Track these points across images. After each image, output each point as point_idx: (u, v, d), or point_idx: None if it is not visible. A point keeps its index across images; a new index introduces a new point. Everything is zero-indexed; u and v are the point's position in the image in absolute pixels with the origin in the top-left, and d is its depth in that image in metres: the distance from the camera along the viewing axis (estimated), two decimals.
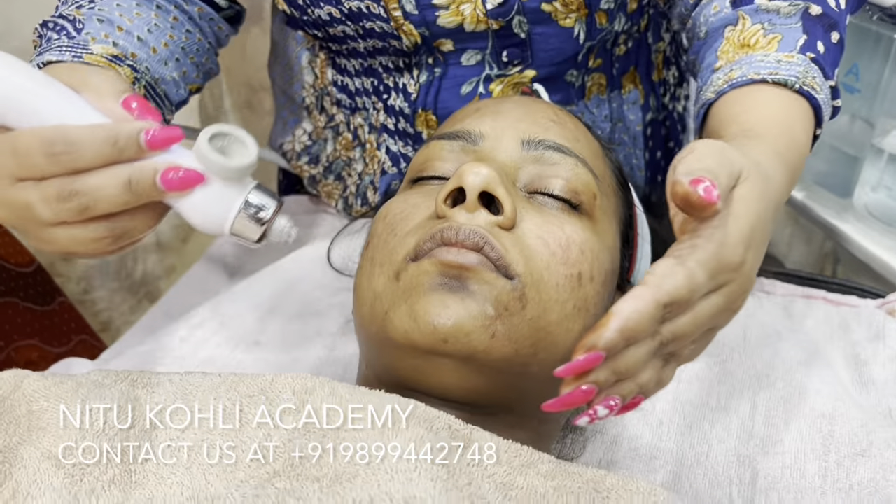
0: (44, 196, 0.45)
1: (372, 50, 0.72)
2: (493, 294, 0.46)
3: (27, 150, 0.44)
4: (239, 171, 0.47)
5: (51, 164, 0.44)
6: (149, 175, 0.46)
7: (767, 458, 0.56)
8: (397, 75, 0.74)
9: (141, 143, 0.45)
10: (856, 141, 0.85)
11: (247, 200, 0.48)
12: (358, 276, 0.53)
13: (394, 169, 0.80)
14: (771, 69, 0.54)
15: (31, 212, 0.46)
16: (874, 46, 0.79)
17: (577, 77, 0.74)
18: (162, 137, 0.46)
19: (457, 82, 0.72)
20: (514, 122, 0.55)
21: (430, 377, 0.47)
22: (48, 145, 0.44)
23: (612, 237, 0.55)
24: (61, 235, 0.47)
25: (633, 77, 0.79)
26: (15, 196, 0.46)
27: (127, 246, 0.50)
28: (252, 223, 0.48)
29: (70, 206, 0.45)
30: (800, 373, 0.62)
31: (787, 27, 0.56)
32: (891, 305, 0.71)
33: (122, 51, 0.59)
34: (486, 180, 0.48)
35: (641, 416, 0.60)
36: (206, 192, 0.47)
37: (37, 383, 0.47)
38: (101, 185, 0.45)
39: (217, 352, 0.70)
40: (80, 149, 0.44)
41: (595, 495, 0.42)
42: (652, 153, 0.85)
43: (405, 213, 0.52)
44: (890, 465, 0.54)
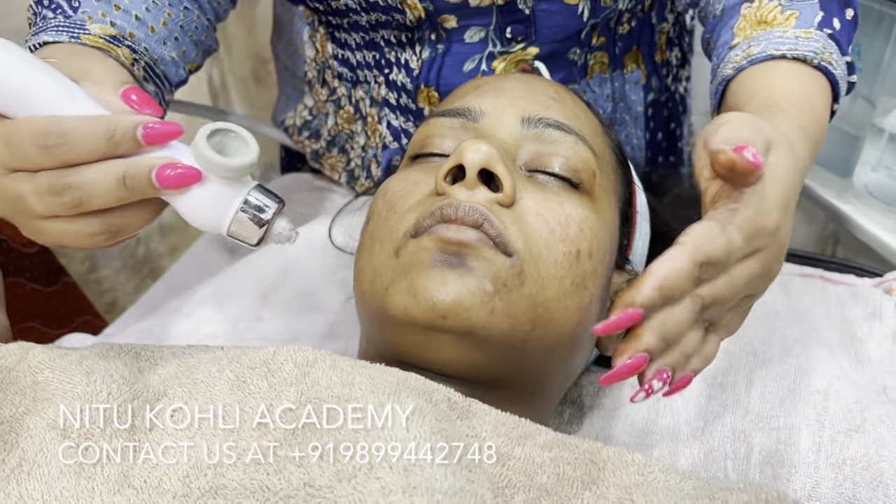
0: (36, 189, 0.44)
1: (374, 23, 0.72)
2: (492, 270, 0.47)
3: (20, 140, 0.43)
4: (238, 171, 0.45)
5: (44, 156, 0.43)
6: (144, 171, 0.44)
7: (762, 433, 0.57)
8: (399, 50, 0.74)
9: (138, 138, 0.44)
10: (856, 120, 0.85)
11: (246, 201, 0.46)
12: (358, 253, 0.53)
13: (395, 144, 0.80)
14: (790, 45, 0.53)
15: (23, 204, 0.44)
16: (876, 26, 0.79)
17: (580, 55, 0.74)
18: (160, 133, 0.44)
19: (459, 59, 0.72)
20: (515, 99, 0.55)
21: (430, 352, 0.48)
22: (42, 136, 0.42)
23: (612, 215, 0.55)
24: (53, 228, 0.45)
25: (635, 57, 0.79)
26: (7, 187, 0.44)
27: (122, 241, 0.48)
28: (251, 225, 0.46)
29: (62, 200, 0.43)
30: (796, 350, 0.63)
31: (804, 4, 0.56)
32: (888, 284, 0.72)
33: (119, 31, 0.57)
34: (486, 158, 0.48)
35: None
36: (203, 190, 0.45)
37: (42, 355, 0.47)
38: (94, 180, 0.43)
39: (219, 328, 0.70)
40: (75, 141, 0.43)
41: (591, 466, 0.43)
42: (653, 134, 0.85)
43: (405, 191, 0.52)
44: (883, 440, 0.55)
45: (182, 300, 0.75)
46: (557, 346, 0.50)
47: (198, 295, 0.75)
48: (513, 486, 0.42)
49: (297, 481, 0.40)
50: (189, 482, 0.42)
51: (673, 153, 0.90)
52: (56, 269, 0.99)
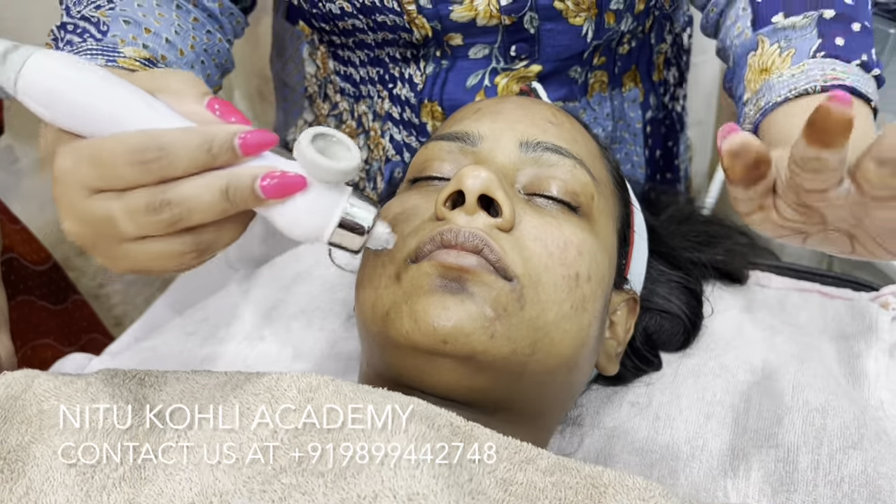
0: (129, 208, 0.40)
1: (381, 42, 0.73)
2: (492, 295, 0.47)
3: (112, 159, 0.40)
4: (344, 175, 0.43)
5: (141, 173, 0.40)
6: (247, 182, 0.41)
7: (761, 451, 0.57)
8: (404, 66, 0.75)
9: (235, 148, 0.41)
10: None
11: (347, 208, 0.44)
12: (359, 276, 0.54)
13: (397, 157, 0.81)
14: (788, 87, 0.54)
15: (111, 226, 0.41)
16: None
17: (581, 73, 0.75)
18: (256, 141, 0.42)
19: (463, 74, 0.73)
20: (513, 123, 0.56)
21: (431, 377, 0.48)
22: (138, 153, 0.39)
23: (610, 237, 0.56)
24: (140, 251, 0.42)
25: (633, 76, 0.80)
26: (94, 209, 0.41)
27: (206, 260, 0.45)
28: (351, 231, 0.44)
29: (161, 217, 0.40)
30: (793, 366, 0.63)
31: (801, 39, 0.57)
32: (884, 298, 0.72)
33: (152, 53, 0.57)
34: (486, 184, 0.49)
35: (638, 410, 0.61)
36: (304, 198, 0.43)
37: (47, 383, 0.48)
38: (196, 195, 0.41)
39: (221, 347, 0.71)
40: (174, 155, 0.40)
41: (593, 490, 0.44)
42: (651, 151, 0.86)
43: (405, 215, 0.53)
44: (881, 457, 0.55)
45: (185, 318, 0.75)
46: (558, 368, 0.50)
47: (200, 313, 0.75)
48: None
49: None
50: None
51: (670, 170, 0.90)
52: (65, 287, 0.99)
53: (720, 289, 0.72)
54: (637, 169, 0.85)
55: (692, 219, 0.75)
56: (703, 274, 0.70)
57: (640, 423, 0.60)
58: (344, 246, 0.45)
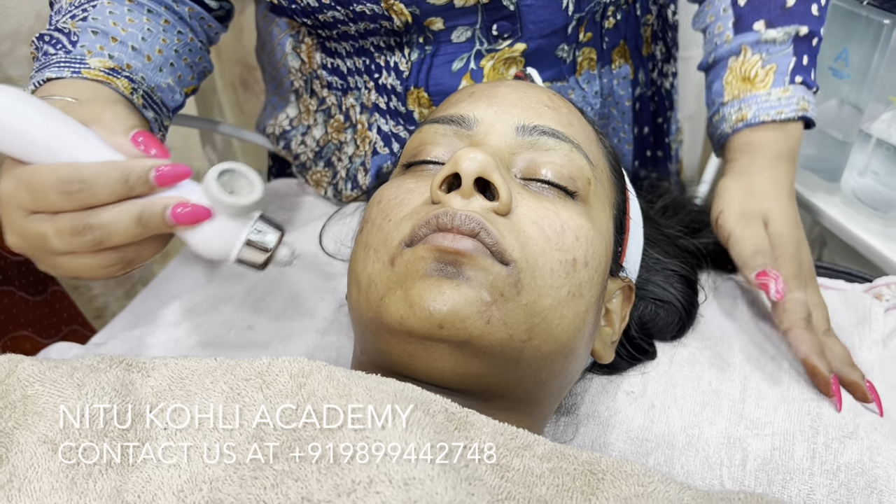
0: (57, 229, 0.47)
1: (363, 31, 0.72)
2: (489, 280, 0.46)
3: (42, 186, 0.46)
4: (246, 209, 0.49)
5: (65, 201, 0.46)
6: (158, 211, 0.47)
7: (757, 439, 0.57)
8: (388, 54, 0.74)
9: (150, 181, 0.47)
10: (844, 126, 0.86)
11: (251, 233, 0.50)
12: (352, 261, 0.53)
13: (385, 150, 0.80)
14: (776, 109, 0.68)
15: (44, 242, 0.47)
16: (864, 31, 0.79)
17: (568, 52, 0.74)
18: (171, 174, 0.48)
19: (448, 59, 0.72)
20: (509, 107, 0.55)
21: (426, 363, 0.47)
22: (63, 184, 0.45)
23: (606, 223, 0.55)
24: (72, 263, 0.49)
25: (623, 51, 0.79)
26: (29, 227, 0.47)
27: (133, 269, 0.52)
28: (256, 253, 0.50)
29: (84, 239, 0.47)
30: (790, 356, 0.63)
31: (781, 55, 0.69)
32: (877, 290, 0.72)
33: (117, 62, 0.60)
34: (482, 166, 0.48)
35: (633, 399, 0.61)
36: (212, 225, 0.49)
37: (31, 368, 0.47)
38: (113, 221, 0.47)
39: (209, 336, 0.69)
40: (94, 187, 0.46)
41: (591, 477, 0.43)
42: (640, 128, 0.86)
43: (400, 198, 0.52)
44: (876, 446, 0.55)
45: (172, 308, 0.74)
46: (554, 354, 0.49)
47: (187, 303, 0.74)
48: (512, 499, 0.41)
49: (294, 495, 0.40)
50: (184, 497, 0.41)
51: (660, 148, 0.90)
52: (44, 277, 0.97)
53: (715, 277, 0.71)
54: (623, 145, 0.85)
55: (686, 207, 0.75)
56: (698, 262, 0.69)
57: (635, 411, 0.60)
58: (249, 264, 0.51)
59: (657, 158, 0.91)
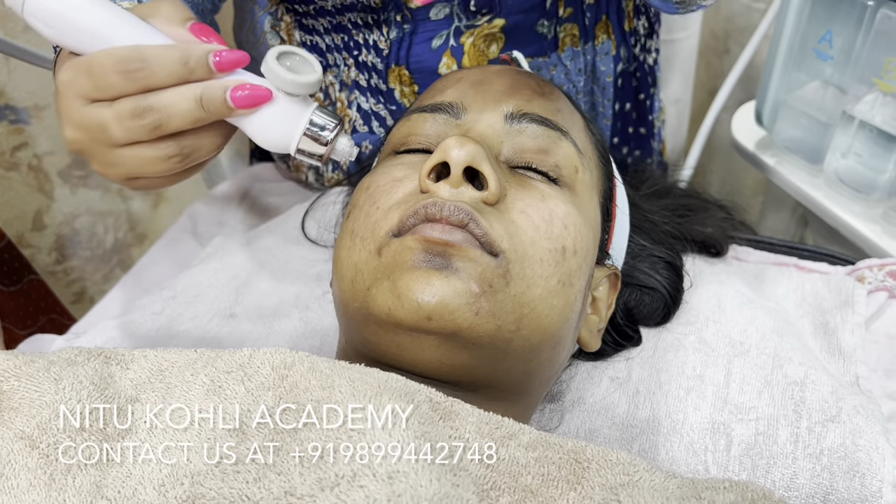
0: (118, 114, 0.46)
1: (340, 7, 0.71)
2: (478, 271, 0.46)
3: (102, 69, 0.45)
4: (307, 87, 0.49)
5: (125, 81, 0.45)
6: (219, 93, 0.47)
7: (741, 424, 0.57)
8: (367, 31, 0.73)
9: (210, 64, 0.47)
10: (827, 108, 0.85)
11: (311, 119, 0.50)
12: (337, 249, 0.52)
13: (365, 128, 0.79)
14: None
15: (104, 132, 0.47)
16: (847, 13, 0.79)
17: (549, 28, 0.73)
18: (230, 60, 0.48)
19: (427, 37, 0.72)
20: (497, 94, 0.54)
21: (413, 354, 0.47)
22: (123, 63, 0.45)
23: (594, 211, 0.55)
24: (130, 155, 0.48)
25: (605, 26, 0.79)
26: (89, 116, 0.47)
27: (192, 169, 0.51)
28: (316, 142, 0.50)
29: (144, 122, 0.46)
30: (772, 340, 0.63)
31: None
32: (860, 272, 0.72)
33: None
34: (471, 156, 0.47)
35: (618, 385, 0.61)
36: (272, 110, 0.49)
37: (7, 363, 0.46)
38: (173, 102, 0.46)
39: (192, 325, 0.69)
40: (154, 66, 0.46)
41: (576, 465, 0.43)
42: (622, 104, 0.86)
43: (388, 186, 0.51)
44: (858, 430, 0.55)
45: (153, 296, 0.73)
46: (542, 344, 0.49)
47: (169, 290, 0.73)
48: (498, 489, 0.41)
49: (277, 490, 0.39)
50: (165, 491, 0.40)
51: (643, 125, 0.90)
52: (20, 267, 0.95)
53: (699, 262, 0.71)
54: (602, 120, 0.85)
55: (672, 192, 0.74)
56: (682, 247, 0.69)
57: (620, 397, 0.60)
58: (310, 153, 0.50)
59: (640, 135, 0.91)
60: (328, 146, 0.51)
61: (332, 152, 0.51)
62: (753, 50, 1.02)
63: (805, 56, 0.85)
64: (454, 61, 0.72)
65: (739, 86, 1.05)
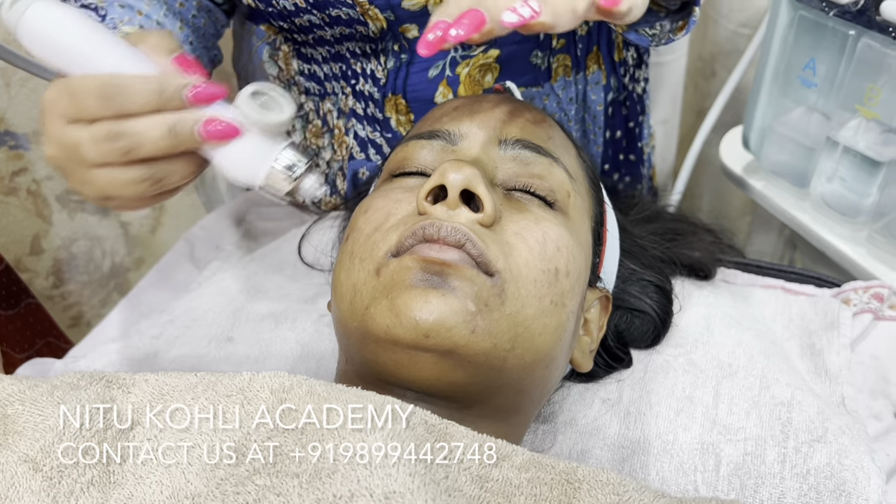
0: (93, 136, 0.48)
1: (339, 37, 0.73)
2: (474, 290, 0.47)
3: (83, 92, 0.48)
4: (275, 126, 0.50)
5: (102, 106, 0.47)
6: (189, 124, 0.48)
7: (730, 445, 0.58)
8: (364, 61, 0.75)
9: (185, 97, 0.48)
10: (812, 133, 0.87)
11: (280, 156, 0.50)
12: (336, 271, 0.53)
13: (361, 155, 0.81)
14: None
15: (78, 151, 0.49)
16: (830, 41, 0.81)
17: (543, 59, 0.75)
18: (206, 93, 0.49)
19: (423, 66, 0.73)
20: (491, 121, 0.56)
21: (411, 372, 0.48)
22: (102, 88, 0.47)
23: (585, 234, 0.56)
24: (103, 176, 0.49)
25: (596, 57, 0.81)
26: (66, 135, 0.49)
27: (164, 194, 0.52)
28: (283, 178, 0.50)
29: (116, 146, 0.48)
30: (760, 362, 0.64)
31: None
32: (845, 294, 0.74)
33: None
34: (468, 178, 0.49)
35: (609, 406, 0.62)
36: (242, 144, 0.49)
37: (11, 387, 0.47)
38: (145, 129, 0.48)
39: (189, 349, 0.69)
40: (130, 94, 0.48)
41: (567, 486, 0.44)
42: (612, 132, 0.87)
43: (386, 209, 0.53)
44: (844, 450, 0.57)
45: (151, 320, 0.74)
46: (536, 363, 0.51)
47: (165, 315, 0.74)
48: None
49: None
50: None
51: (633, 151, 0.92)
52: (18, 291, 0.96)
53: (688, 285, 0.73)
54: (594, 147, 0.86)
55: (660, 217, 0.76)
56: (671, 271, 0.71)
57: (611, 419, 0.61)
58: (275, 191, 0.51)
59: (630, 161, 0.93)
60: (294, 184, 0.51)
61: (297, 191, 0.51)
62: (740, 75, 1.05)
63: (790, 83, 0.87)
64: (450, 90, 0.74)
65: (727, 109, 1.08)
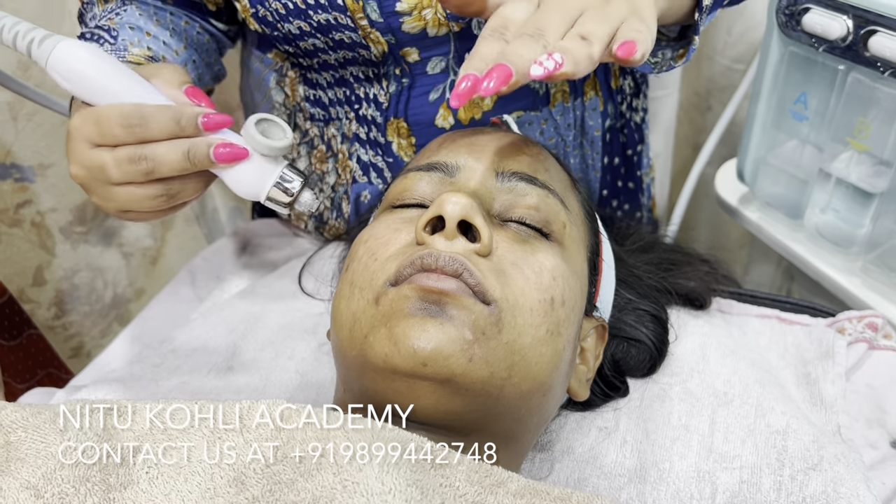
0: (116, 159, 0.55)
1: (343, 61, 0.75)
2: (471, 319, 0.48)
3: (108, 121, 0.55)
4: (278, 150, 0.58)
5: (125, 133, 0.55)
6: (204, 148, 0.56)
7: (726, 472, 0.58)
8: (367, 85, 0.77)
9: (198, 124, 0.56)
10: (805, 166, 0.89)
11: (280, 175, 0.59)
12: (336, 300, 0.54)
13: (364, 178, 0.82)
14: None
15: (103, 172, 0.56)
16: (820, 76, 0.83)
17: (541, 84, 0.77)
18: (216, 121, 0.57)
19: (425, 90, 0.75)
20: (488, 153, 0.57)
21: (409, 400, 0.48)
22: (126, 118, 0.55)
23: (581, 264, 0.57)
24: (124, 193, 0.57)
25: (593, 83, 0.82)
26: (92, 158, 0.56)
27: (176, 207, 0.60)
28: (283, 194, 0.59)
29: (138, 168, 0.55)
30: (755, 390, 0.65)
31: None
32: (840, 324, 0.75)
33: (154, 53, 0.71)
34: (465, 210, 0.50)
35: (606, 434, 0.62)
36: (248, 165, 0.58)
37: (14, 414, 0.47)
38: (165, 153, 0.55)
39: (189, 377, 0.70)
40: (151, 123, 0.55)
41: None
42: (610, 158, 0.89)
43: (386, 239, 0.54)
44: (840, 478, 0.57)
45: (152, 349, 0.74)
46: (532, 392, 0.51)
47: (166, 345, 0.75)
48: None
49: None
50: None
51: (631, 179, 0.93)
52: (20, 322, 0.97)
53: (684, 314, 0.74)
54: (592, 172, 0.88)
55: (656, 246, 0.77)
56: (667, 300, 0.71)
57: (608, 447, 0.61)
58: (278, 202, 0.60)
59: (629, 189, 0.94)
60: (293, 198, 0.59)
61: (296, 203, 0.60)
62: (735, 109, 1.07)
63: (782, 116, 0.89)
64: (450, 113, 0.76)
65: (722, 143, 1.09)
